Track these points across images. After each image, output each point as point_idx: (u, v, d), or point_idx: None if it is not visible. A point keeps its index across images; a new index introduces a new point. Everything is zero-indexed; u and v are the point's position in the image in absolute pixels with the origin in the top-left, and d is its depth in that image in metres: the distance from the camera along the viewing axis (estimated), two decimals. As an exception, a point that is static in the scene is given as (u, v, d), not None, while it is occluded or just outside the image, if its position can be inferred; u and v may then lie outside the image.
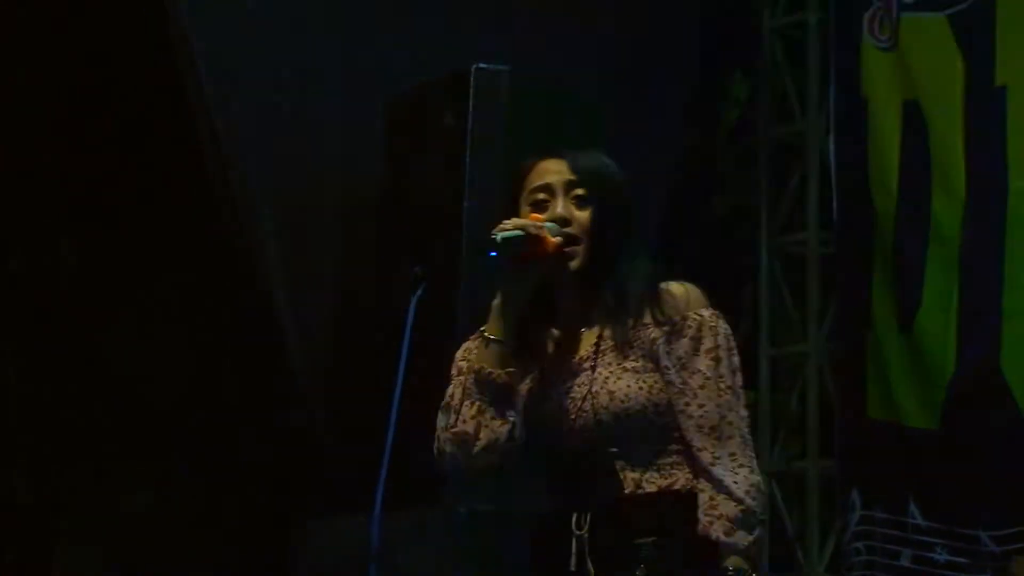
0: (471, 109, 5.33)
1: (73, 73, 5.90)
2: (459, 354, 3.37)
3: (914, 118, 6.29)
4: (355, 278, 5.76)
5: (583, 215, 3.22)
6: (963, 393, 5.98)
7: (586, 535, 3.11)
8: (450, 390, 3.28)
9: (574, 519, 3.13)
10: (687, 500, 3.13)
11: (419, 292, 5.24)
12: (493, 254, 3.15)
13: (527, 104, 5.39)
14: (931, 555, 5.96)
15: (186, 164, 5.70)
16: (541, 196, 3.26)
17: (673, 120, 6.64)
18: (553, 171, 3.27)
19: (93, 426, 5.98)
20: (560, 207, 3.23)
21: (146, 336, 6.04)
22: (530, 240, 3.14)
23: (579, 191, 3.24)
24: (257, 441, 5.92)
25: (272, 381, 5.75)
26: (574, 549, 3.12)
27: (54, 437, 5.97)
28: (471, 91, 5.33)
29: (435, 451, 3.26)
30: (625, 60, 6.27)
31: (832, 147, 6.58)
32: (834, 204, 6.58)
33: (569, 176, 3.25)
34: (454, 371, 3.35)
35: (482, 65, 5.36)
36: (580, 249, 3.22)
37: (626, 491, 3.13)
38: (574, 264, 3.21)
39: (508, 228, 3.16)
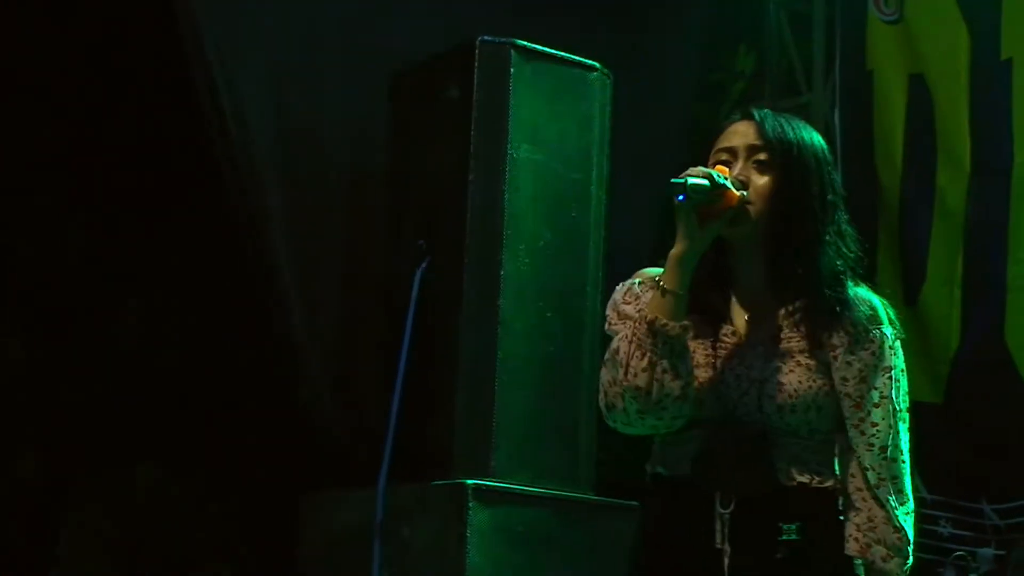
0: (476, 82, 5.31)
1: (77, 55, 5.89)
2: (619, 296, 3.26)
3: (919, 91, 6.28)
4: (361, 252, 5.76)
5: (761, 180, 3.15)
6: (968, 367, 5.99)
7: (728, 516, 3.08)
8: (615, 342, 3.13)
9: (718, 498, 3.09)
10: (830, 499, 3.14)
11: (423, 265, 5.25)
12: (681, 198, 3.02)
13: (532, 78, 5.38)
14: (935, 528, 5.97)
15: (191, 141, 5.70)
16: (724, 158, 3.19)
17: (679, 93, 6.63)
18: (740, 133, 3.20)
19: (99, 403, 5.99)
20: (739, 170, 3.15)
21: (152, 313, 6.05)
22: (714, 190, 3.05)
23: (761, 156, 3.16)
24: (263, 415, 5.93)
25: (278, 355, 5.75)
26: (718, 527, 3.08)
27: (60, 416, 5.98)
28: (476, 64, 5.32)
29: (603, 406, 3.14)
30: (631, 32, 6.26)
31: (837, 120, 6.57)
32: (839, 177, 6.56)
33: (754, 140, 3.17)
34: (611, 313, 3.25)
35: (487, 38, 5.34)
36: (754, 211, 3.13)
37: (774, 480, 3.11)
38: (747, 227, 3.12)
39: (696, 175, 3.05)
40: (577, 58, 5.49)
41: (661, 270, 3.14)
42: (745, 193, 3.09)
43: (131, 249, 5.99)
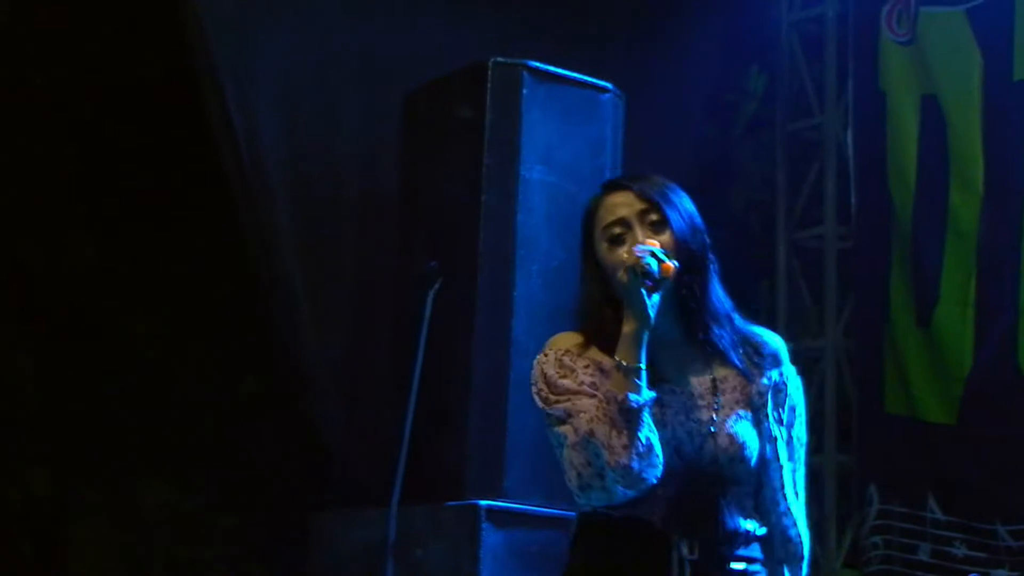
0: (488, 103, 5.32)
1: (90, 69, 5.91)
2: (550, 371, 3.30)
3: (932, 113, 6.28)
4: (373, 272, 5.76)
5: (663, 238, 3.25)
6: (981, 388, 5.97)
7: (691, 559, 3.18)
8: (582, 424, 3.18)
9: (685, 544, 3.18)
10: (764, 544, 3.32)
11: (435, 286, 5.25)
12: (651, 283, 3.16)
13: (544, 99, 5.39)
14: (949, 549, 5.95)
15: (204, 158, 5.70)
16: (617, 231, 3.28)
17: (690, 114, 6.64)
18: (622, 203, 3.29)
19: (110, 419, 5.99)
20: (640, 237, 3.25)
21: (163, 329, 6.06)
22: (661, 264, 3.18)
23: (653, 216, 3.27)
24: (275, 434, 5.93)
25: (290, 374, 5.75)
26: (676, 571, 3.18)
27: (70, 431, 5.98)
28: (488, 85, 5.33)
29: (575, 487, 3.20)
30: (643, 53, 6.27)
31: (850, 141, 6.57)
32: (852, 198, 6.57)
33: (641, 205, 3.27)
34: (543, 388, 3.30)
35: (499, 59, 5.35)
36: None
37: (726, 527, 3.24)
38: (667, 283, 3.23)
39: (647, 256, 3.17)
40: (589, 79, 5.50)
41: (572, 336, 3.30)
42: (676, 262, 3.20)
43: (142, 265, 6.00)
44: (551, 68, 5.43)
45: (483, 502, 5.00)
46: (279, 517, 5.81)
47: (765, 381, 3.31)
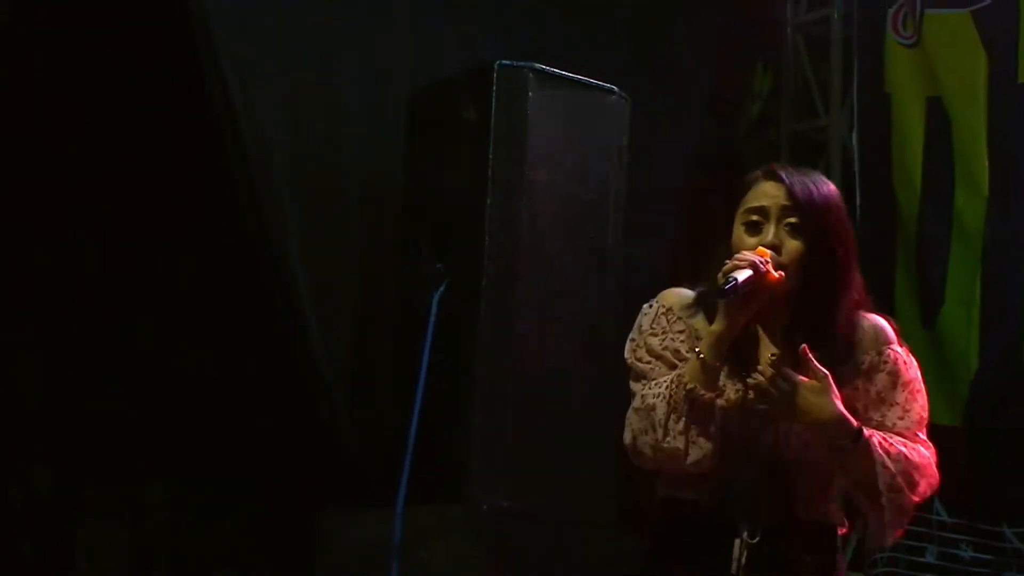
0: (494, 105, 5.33)
1: (95, 69, 5.91)
2: (645, 324, 3.38)
3: (937, 114, 6.28)
4: (378, 273, 5.77)
5: (793, 244, 3.27)
6: (987, 390, 5.97)
7: (749, 546, 3.21)
8: (649, 396, 3.26)
9: (745, 528, 3.22)
10: (835, 536, 3.32)
11: (441, 288, 5.25)
12: (727, 297, 3.17)
13: (550, 101, 5.39)
14: (956, 552, 5.94)
15: (208, 159, 5.71)
16: (755, 218, 3.30)
17: (695, 114, 6.64)
18: (770, 194, 3.31)
19: (114, 417, 5.99)
20: (772, 234, 3.27)
21: (169, 328, 6.06)
22: (757, 276, 3.20)
23: (792, 219, 3.28)
24: (280, 434, 5.94)
25: (296, 375, 5.76)
26: (735, 555, 3.22)
27: (76, 429, 5.98)
28: (493, 87, 5.34)
29: (629, 448, 3.29)
30: (648, 55, 6.27)
31: (855, 143, 6.57)
32: (857, 200, 6.57)
33: (785, 202, 3.29)
34: (638, 340, 3.37)
35: (504, 61, 5.36)
36: (788, 275, 3.26)
37: (792, 514, 3.25)
38: (781, 289, 3.26)
39: (742, 266, 3.19)
40: (595, 81, 5.50)
41: (685, 294, 3.36)
42: (783, 273, 3.23)
43: (148, 265, 6.00)
44: (556, 71, 5.43)
45: (488, 502, 5.00)
46: (285, 517, 5.81)
47: (855, 368, 3.31)
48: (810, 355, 3.19)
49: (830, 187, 3.38)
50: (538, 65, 5.40)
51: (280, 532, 5.85)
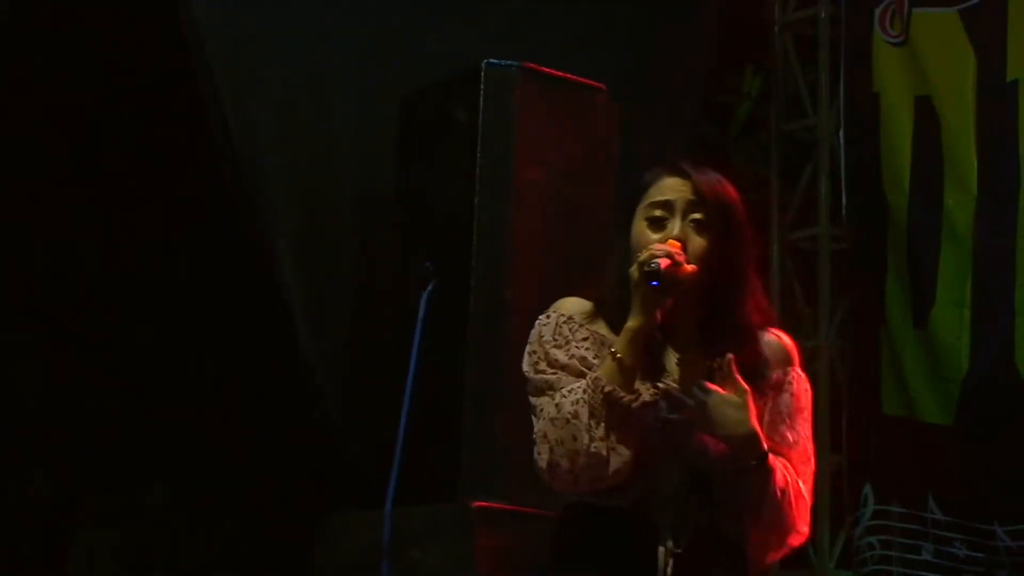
0: (482, 105, 5.32)
1: (89, 73, 5.91)
2: (547, 335, 3.26)
3: (926, 114, 6.28)
4: (369, 274, 5.77)
5: (698, 240, 3.18)
6: (978, 389, 5.97)
7: (674, 556, 3.12)
8: (567, 404, 3.14)
9: (670, 535, 3.13)
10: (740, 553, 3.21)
11: (430, 287, 5.24)
12: (655, 284, 3.09)
13: (538, 100, 5.38)
14: (951, 550, 5.94)
15: (201, 160, 5.71)
16: (659, 213, 3.21)
17: (686, 115, 6.64)
18: (676, 189, 3.22)
19: (110, 419, 5.98)
20: (677, 228, 3.18)
21: (165, 331, 6.05)
22: (673, 266, 3.13)
23: (697, 215, 3.19)
24: (273, 435, 5.93)
25: (290, 376, 5.75)
26: (661, 564, 3.12)
27: (73, 433, 5.97)
28: (482, 87, 5.33)
29: (543, 463, 3.15)
30: (637, 55, 6.27)
31: (843, 143, 6.57)
32: (845, 200, 6.57)
33: (691, 196, 3.20)
34: (538, 351, 3.25)
35: (492, 61, 5.35)
36: (693, 271, 3.18)
37: (715, 524, 3.16)
38: (688, 286, 3.17)
39: (659, 255, 3.11)
40: (583, 80, 5.49)
41: (582, 303, 3.26)
42: (695, 267, 3.15)
43: (144, 268, 6.00)
44: (545, 69, 5.42)
45: (479, 503, 4.98)
46: (282, 518, 5.80)
47: (763, 384, 3.21)
48: (735, 367, 3.12)
49: (732, 188, 3.28)
50: (526, 64, 5.38)
51: (277, 534, 5.84)
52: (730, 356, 3.12)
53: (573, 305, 3.28)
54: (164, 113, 5.82)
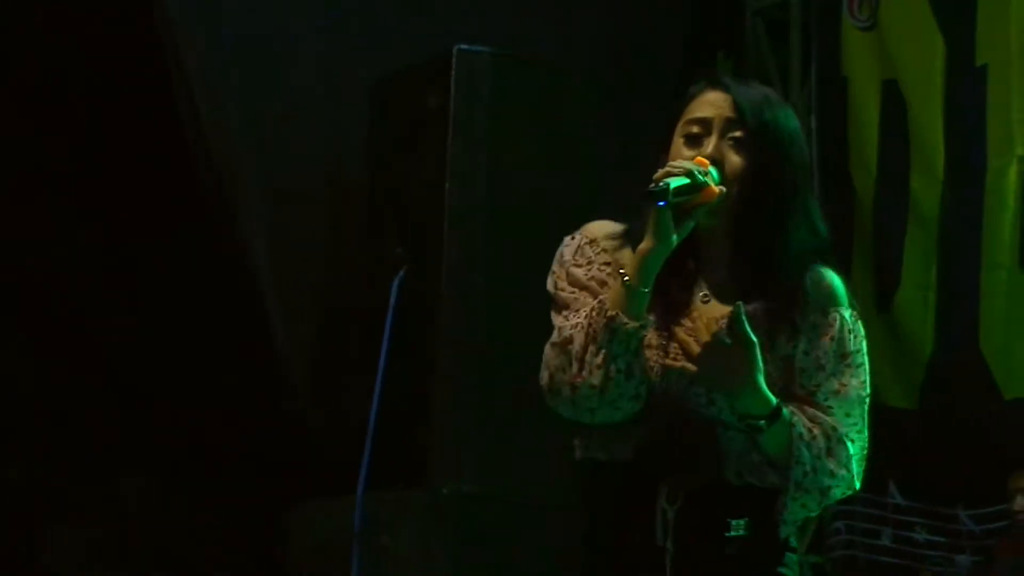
0: (453, 91, 5.30)
1: (55, 63, 5.87)
2: (568, 255, 3.00)
3: (893, 97, 6.31)
4: (340, 261, 5.75)
5: (736, 160, 2.89)
6: (943, 373, 6.01)
7: (673, 513, 2.89)
8: (567, 328, 2.89)
9: (664, 492, 2.90)
10: (774, 499, 2.92)
11: (401, 273, 5.25)
12: (663, 204, 2.78)
13: (510, 86, 5.38)
14: (911, 534, 5.99)
15: (170, 152, 5.69)
16: (696, 130, 2.93)
17: (657, 100, 6.64)
18: (715, 104, 2.93)
19: (84, 410, 5.96)
20: (712, 146, 2.89)
21: (137, 322, 6.03)
22: (694, 186, 2.82)
23: (736, 133, 2.90)
24: (245, 424, 5.93)
25: (259, 365, 5.75)
26: (660, 524, 2.90)
27: (46, 421, 5.95)
28: (453, 73, 5.31)
29: (546, 388, 2.90)
30: (609, 41, 6.27)
31: (813, 127, 6.60)
32: (814, 183, 6.60)
33: (729, 114, 2.91)
34: (559, 271, 3.00)
35: (464, 47, 5.34)
36: (730, 194, 2.89)
37: (722, 476, 2.90)
38: (722, 208, 2.89)
39: (676, 173, 2.81)
40: (556, 65, 5.49)
41: (611, 226, 3.00)
42: (723, 188, 2.86)
43: (118, 261, 5.97)
44: (517, 55, 5.42)
45: (450, 488, 5.00)
46: (253, 506, 5.80)
47: (799, 325, 2.91)
48: (743, 316, 2.83)
49: (783, 105, 3.00)
50: (498, 50, 5.37)
51: (248, 522, 5.84)
52: (738, 303, 2.84)
53: (600, 228, 3.00)
54: (134, 107, 5.79)
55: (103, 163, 5.85)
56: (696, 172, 2.82)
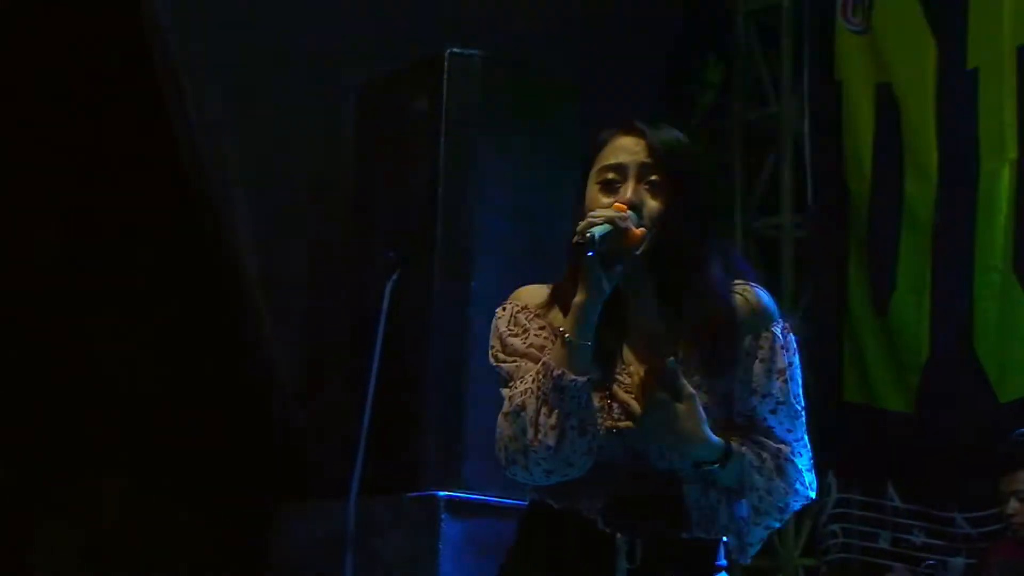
0: (444, 94, 5.30)
1: (43, 61, 5.87)
2: (503, 326, 3.03)
3: (887, 101, 6.31)
4: (331, 264, 5.75)
5: (654, 204, 2.92)
6: (938, 376, 6.00)
7: (632, 568, 2.91)
8: (517, 395, 2.91)
9: (624, 549, 2.91)
10: (716, 549, 2.99)
11: (394, 277, 5.24)
12: (591, 254, 2.80)
13: (501, 88, 5.38)
14: (909, 537, 5.98)
15: (158, 153, 5.68)
16: (611, 176, 2.94)
17: (647, 104, 6.64)
18: (629, 149, 2.95)
19: (71, 410, 5.95)
20: (631, 191, 2.91)
21: (123, 323, 6.03)
22: (616, 233, 2.85)
23: (652, 176, 2.93)
24: (234, 426, 5.92)
25: (249, 367, 5.73)
26: None
27: (33, 422, 5.94)
28: (444, 76, 5.31)
29: (501, 459, 2.93)
30: (599, 44, 6.27)
31: (807, 131, 6.59)
32: (808, 188, 6.60)
33: (644, 158, 2.94)
34: (496, 344, 3.02)
35: (455, 50, 5.34)
36: (646, 238, 2.91)
37: (682, 534, 2.94)
38: (637, 253, 2.90)
39: (598, 222, 2.83)
40: (546, 69, 5.49)
41: (540, 290, 3.04)
42: (644, 229, 2.89)
43: (101, 260, 5.96)
44: (507, 59, 5.41)
45: (442, 493, 5.00)
46: (241, 511, 5.79)
47: (732, 353, 2.96)
48: (677, 371, 2.87)
49: (698, 150, 3.08)
50: (489, 53, 5.37)
51: (235, 526, 5.83)
52: (672, 360, 2.88)
53: (529, 294, 3.04)
54: (120, 107, 5.79)
55: (90, 163, 5.85)
56: (617, 219, 2.85)
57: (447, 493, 5.00)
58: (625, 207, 2.88)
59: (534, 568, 2.97)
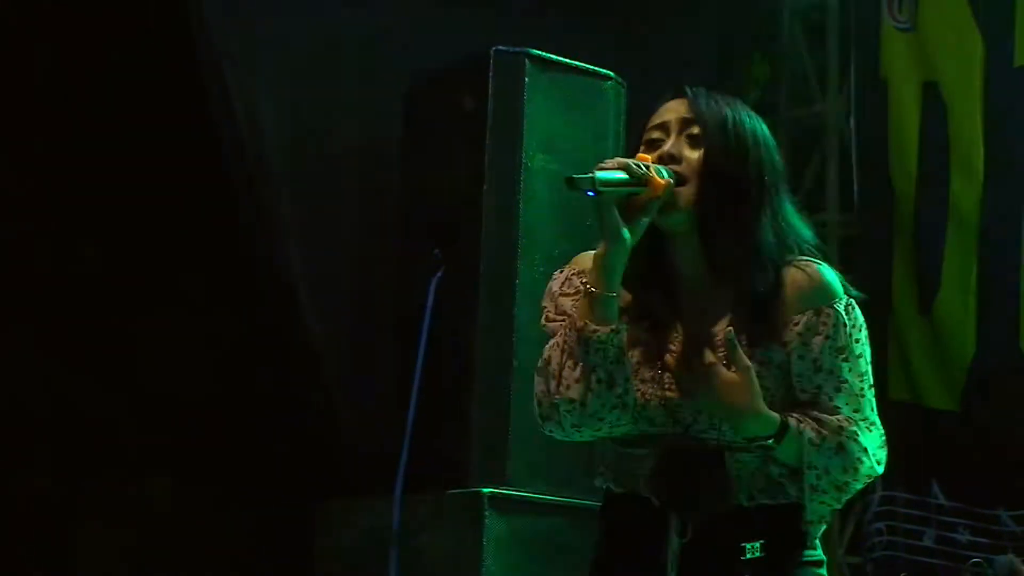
0: (491, 92, 5.32)
1: (90, 61, 5.90)
2: (556, 286, 3.02)
3: (933, 99, 6.29)
4: (376, 261, 5.77)
5: (694, 155, 2.92)
6: (984, 375, 5.99)
7: (681, 546, 2.88)
8: (546, 349, 2.91)
9: (674, 524, 2.89)
10: (793, 513, 2.93)
11: (438, 275, 5.26)
12: (591, 194, 2.76)
13: (546, 86, 5.39)
14: (953, 535, 5.97)
15: (205, 151, 5.71)
16: (656, 135, 2.97)
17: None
18: (672, 108, 2.99)
19: (112, 411, 5.99)
20: (670, 144, 2.93)
21: (168, 324, 6.05)
22: (635, 181, 2.81)
23: (693, 129, 2.95)
24: (278, 424, 5.94)
25: (293, 365, 5.76)
26: (669, 558, 2.89)
27: (76, 427, 5.98)
28: (490, 74, 5.33)
29: (537, 417, 2.94)
30: (644, 42, 6.26)
31: (852, 129, 6.58)
32: (854, 186, 6.59)
33: (685, 114, 2.96)
34: (548, 305, 3.01)
35: (501, 48, 5.35)
36: (689, 191, 2.90)
37: (734, 500, 2.90)
38: (681, 205, 2.88)
39: (609, 167, 2.82)
40: (591, 67, 5.50)
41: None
42: (672, 179, 2.86)
43: (146, 260, 5.99)
44: (553, 57, 5.42)
45: (486, 490, 5.00)
46: (284, 508, 5.81)
47: (792, 327, 2.91)
48: (735, 342, 2.82)
49: (751, 113, 3.06)
50: (534, 51, 5.38)
51: (279, 522, 5.85)
52: (728, 328, 2.83)
53: (587, 259, 2.97)
54: (166, 104, 5.82)
55: (135, 162, 5.88)
56: (632, 165, 2.83)
57: (491, 490, 5.01)
58: (648, 156, 2.89)
59: (608, 555, 2.98)
